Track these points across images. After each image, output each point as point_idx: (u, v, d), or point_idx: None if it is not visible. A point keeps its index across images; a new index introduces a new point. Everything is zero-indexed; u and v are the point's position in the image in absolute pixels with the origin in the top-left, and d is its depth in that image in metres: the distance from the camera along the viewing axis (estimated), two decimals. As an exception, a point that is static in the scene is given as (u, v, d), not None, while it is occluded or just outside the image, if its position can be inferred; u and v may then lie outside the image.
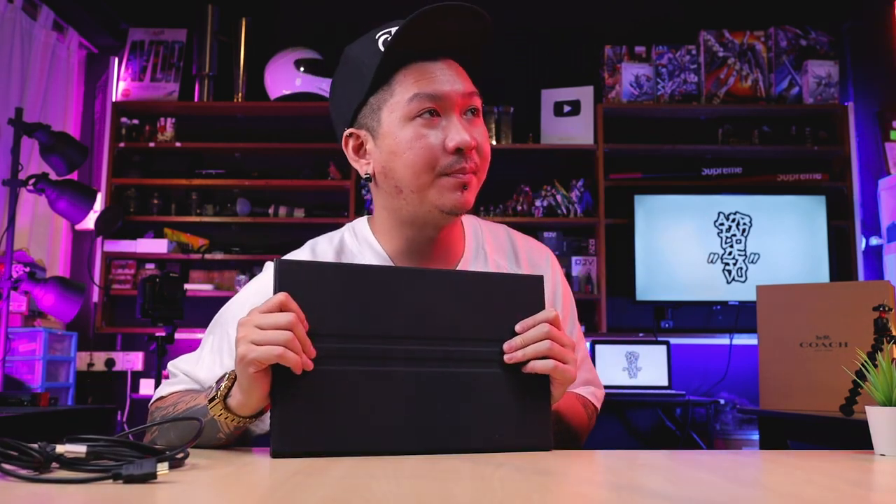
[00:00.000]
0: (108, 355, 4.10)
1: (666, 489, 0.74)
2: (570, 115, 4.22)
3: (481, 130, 1.12)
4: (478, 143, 1.10)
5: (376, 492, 0.70)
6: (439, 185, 1.09)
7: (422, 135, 1.08)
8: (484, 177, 1.15)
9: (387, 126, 1.11)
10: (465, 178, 1.10)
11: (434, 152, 1.08)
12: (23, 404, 2.33)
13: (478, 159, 1.11)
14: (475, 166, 1.11)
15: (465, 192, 1.10)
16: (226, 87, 4.29)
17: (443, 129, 1.09)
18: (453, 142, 1.08)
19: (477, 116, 1.13)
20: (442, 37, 1.09)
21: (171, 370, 1.20)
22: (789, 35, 4.24)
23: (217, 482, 0.77)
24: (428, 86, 1.08)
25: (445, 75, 1.09)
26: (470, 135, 1.08)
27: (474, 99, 1.12)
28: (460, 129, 1.08)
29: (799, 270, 4.03)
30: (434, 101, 1.08)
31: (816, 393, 2.21)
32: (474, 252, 1.23)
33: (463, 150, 1.08)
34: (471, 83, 1.12)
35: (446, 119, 1.09)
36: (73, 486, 0.70)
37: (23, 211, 3.59)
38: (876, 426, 1.04)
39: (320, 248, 1.22)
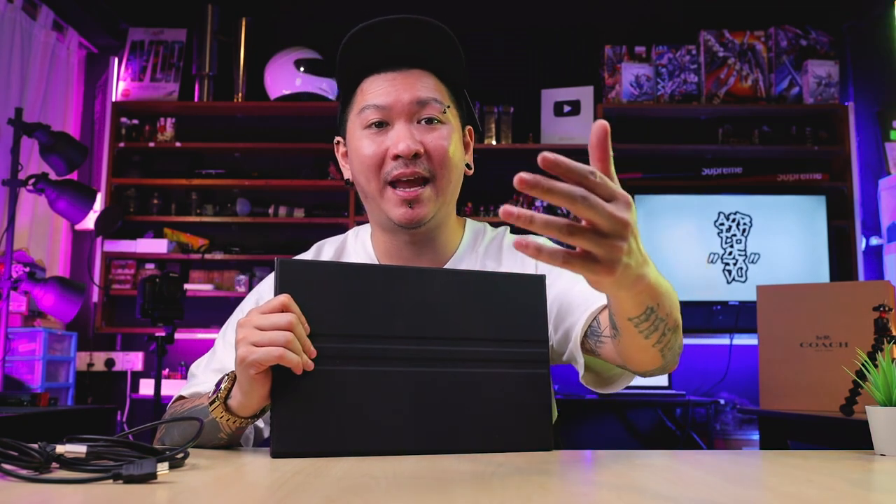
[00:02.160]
0: (107, 355, 4.10)
1: (666, 489, 0.74)
2: (570, 115, 4.22)
3: (436, 136, 1.14)
4: (426, 150, 1.13)
5: (376, 492, 0.70)
6: (387, 197, 1.14)
7: (369, 143, 1.15)
8: (445, 185, 1.16)
9: (350, 135, 1.19)
10: (411, 193, 1.13)
11: (378, 159, 1.14)
12: (23, 404, 2.33)
13: (430, 165, 1.13)
14: (425, 171, 1.13)
15: (413, 208, 1.13)
16: (226, 87, 4.29)
17: (389, 136, 1.14)
18: (395, 149, 1.13)
19: (435, 125, 1.15)
20: (399, 49, 1.14)
21: (190, 373, 1.23)
22: (789, 35, 4.24)
23: (217, 482, 0.77)
24: (375, 97, 1.14)
25: (396, 86, 1.14)
26: (409, 143, 1.11)
27: (428, 108, 1.14)
28: (403, 136, 1.13)
29: (799, 270, 4.03)
30: (380, 112, 1.14)
31: (816, 393, 2.21)
32: (467, 254, 1.24)
33: (403, 157, 1.12)
34: (427, 91, 1.14)
35: (393, 127, 1.14)
36: (72, 486, 0.70)
37: (23, 211, 3.59)
38: (876, 426, 1.04)
39: (325, 249, 1.28)
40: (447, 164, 1.15)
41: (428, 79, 1.16)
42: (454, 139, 1.17)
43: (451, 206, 1.22)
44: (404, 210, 1.14)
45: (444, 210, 1.19)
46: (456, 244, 1.24)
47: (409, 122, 1.14)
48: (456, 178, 1.18)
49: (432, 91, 1.15)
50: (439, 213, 1.18)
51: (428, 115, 1.14)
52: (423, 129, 1.14)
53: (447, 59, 1.16)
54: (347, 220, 4.09)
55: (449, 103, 1.17)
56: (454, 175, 1.17)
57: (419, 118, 1.14)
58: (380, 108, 1.14)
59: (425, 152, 1.13)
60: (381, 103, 1.14)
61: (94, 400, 4.04)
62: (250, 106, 4.27)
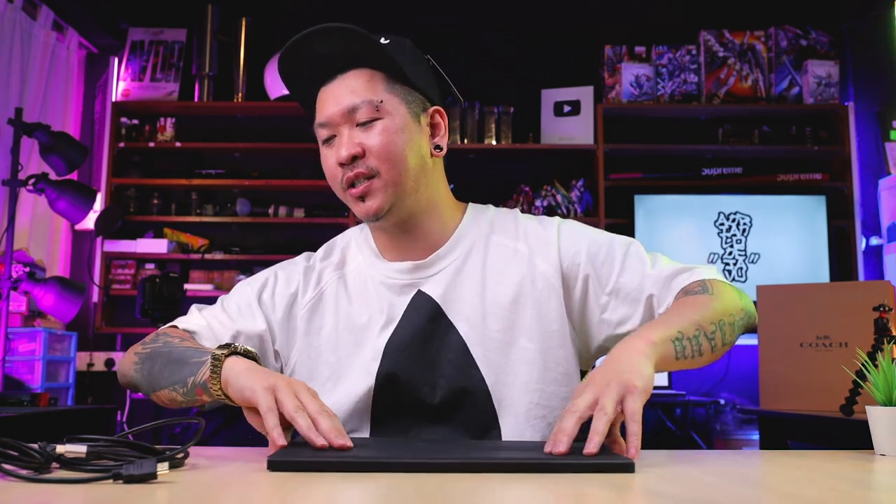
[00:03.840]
0: (107, 355, 4.10)
1: (666, 489, 0.74)
2: (570, 115, 4.22)
3: (372, 134, 1.16)
4: (364, 149, 1.15)
5: (376, 492, 0.70)
6: (349, 201, 1.20)
7: (325, 157, 1.21)
8: (396, 175, 1.16)
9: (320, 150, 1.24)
10: (358, 189, 1.16)
11: (333, 170, 1.19)
12: (23, 404, 2.33)
13: (368, 163, 1.16)
14: (368, 170, 1.15)
15: (366, 202, 1.17)
16: (226, 87, 4.29)
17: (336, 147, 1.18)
18: (336, 158, 1.17)
19: (371, 124, 1.16)
20: (326, 58, 1.18)
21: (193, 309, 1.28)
22: (789, 35, 4.24)
23: (217, 482, 0.77)
24: (319, 115, 1.20)
25: (333, 98, 1.18)
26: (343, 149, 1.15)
27: (359, 112, 1.16)
28: (340, 145, 1.17)
29: (799, 270, 4.03)
30: (325, 128, 1.19)
31: (816, 393, 2.21)
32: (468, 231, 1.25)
33: (345, 163, 1.16)
34: (353, 96, 1.16)
35: (338, 138, 1.18)
36: (73, 486, 0.71)
37: (23, 211, 3.59)
38: (876, 426, 1.04)
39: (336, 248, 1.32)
40: (389, 157, 1.16)
41: (360, 79, 1.17)
42: (396, 129, 1.17)
43: (430, 191, 1.22)
44: (360, 206, 1.18)
45: (415, 198, 1.19)
46: (454, 226, 1.25)
47: (351, 128, 1.17)
48: (414, 166, 1.18)
49: (362, 92, 1.16)
50: (406, 201, 1.18)
51: (362, 118, 1.16)
52: (362, 131, 1.17)
53: (374, 54, 1.17)
54: (347, 220, 4.09)
55: (382, 97, 1.17)
56: (405, 164, 1.17)
57: (356, 122, 1.17)
58: (323, 126, 1.19)
59: (365, 152, 1.15)
60: (323, 120, 1.18)
61: (94, 400, 4.04)
62: (250, 106, 4.27)
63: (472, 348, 1.17)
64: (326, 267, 1.28)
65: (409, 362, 1.17)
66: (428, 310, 1.19)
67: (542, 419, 1.17)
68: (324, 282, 1.26)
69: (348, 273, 1.26)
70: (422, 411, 1.17)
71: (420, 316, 1.19)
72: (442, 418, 1.17)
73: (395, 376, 1.17)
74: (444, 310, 1.19)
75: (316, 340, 1.23)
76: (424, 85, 1.22)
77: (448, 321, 1.18)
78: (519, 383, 1.17)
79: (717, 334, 1.11)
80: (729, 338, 1.14)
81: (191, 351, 1.09)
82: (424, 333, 1.18)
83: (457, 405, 1.16)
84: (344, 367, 1.20)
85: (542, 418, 1.17)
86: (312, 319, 1.24)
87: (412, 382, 1.17)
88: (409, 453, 0.90)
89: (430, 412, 1.17)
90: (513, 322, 1.18)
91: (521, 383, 1.17)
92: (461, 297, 1.20)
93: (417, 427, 1.17)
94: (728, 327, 1.14)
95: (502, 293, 1.20)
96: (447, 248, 1.23)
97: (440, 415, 1.17)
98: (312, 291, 1.25)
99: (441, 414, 1.17)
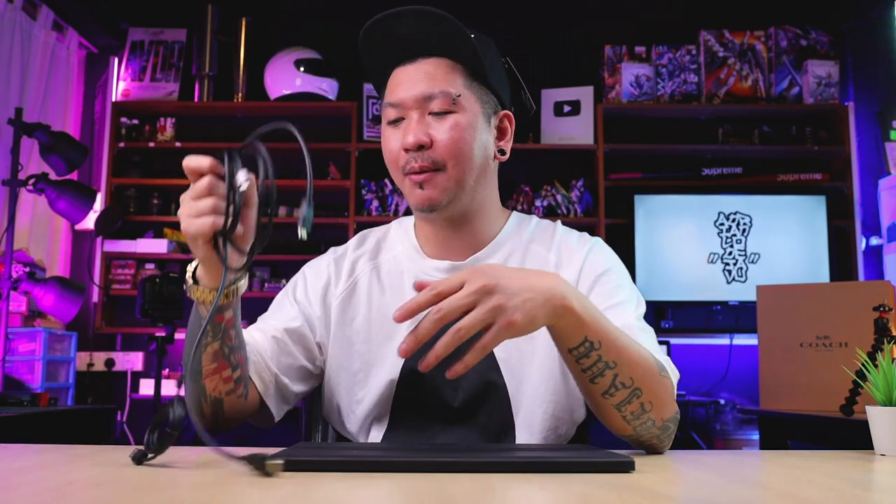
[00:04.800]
0: (107, 355, 4.10)
1: (666, 489, 0.74)
2: (570, 115, 4.22)
3: (444, 127, 1.15)
4: (434, 141, 1.14)
5: (376, 491, 0.71)
6: (405, 185, 1.18)
7: (389, 138, 1.19)
8: (460, 173, 1.16)
9: (383, 129, 1.22)
10: (421, 176, 1.15)
11: (395, 153, 1.17)
12: (23, 404, 2.33)
13: (435, 155, 1.14)
14: (433, 163, 1.15)
15: (424, 190, 1.16)
16: (226, 87, 4.29)
17: (403, 131, 1.17)
18: (403, 143, 1.16)
19: (444, 115, 1.16)
20: (409, 40, 1.16)
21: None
22: (789, 35, 4.24)
23: (217, 482, 0.77)
24: (391, 94, 1.18)
25: (409, 81, 1.17)
26: (414, 135, 1.14)
27: (435, 101, 1.15)
28: (409, 130, 1.15)
29: (799, 270, 4.03)
30: (395, 109, 1.18)
31: (816, 393, 2.21)
32: (509, 239, 1.25)
33: (410, 150, 1.15)
34: (434, 84, 1.15)
35: (407, 121, 1.17)
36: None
37: (23, 211, 3.59)
38: (876, 426, 1.04)
39: (369, 239, 1.31)
40: (457, 153, 1.15)
41: (441, 68, 1.17)
42: (468, 126, 1.16)
43: (484, 193, 1.22)
44: (417, 192, 1.16)
45: (472, 196, 1.19)
46: (497, 231, 1.25)
47: (422, 114, 1.16)
48: (476, 166, 1.18)
49: (440, 82, 1.15)
50: (463, 199, 1.18)
51: (436, 108, 1.15)
52: (434, 121, 1.15)
53: (460, 46, 1.16)
54: (347, 219, 4.08)
55: (460, 91, 1.16)
56: (472, 163, 1.17)
57: (429, 111, 1.16)
58: (394, 106, 1.17)
59: (433, 143, 1.14)
60: (395, 101, 1.17)
61: (94, 400, 4.04)
62: (250, 106, 4.27)
63: (497, 353, 1.17)
64: (361, 256, 1.28)
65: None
66: None
67: (553, 431, 1.18)
68: (357, 272, 1.26)
69: (382, 263, 1.26)
70: (442, 411, 1.17)
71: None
72: (461, 419, 1.17)
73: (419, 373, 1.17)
74: None
75: (349, 331, 1.23)
76: (499, 86, 1.23)
77: None
78: (537, 393, 1.17)
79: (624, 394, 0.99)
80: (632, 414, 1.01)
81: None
82: None
83: (477, 408, 1.17)
84: (375, 359, 1.20)
85: (553, 430, 1.18)
86: (346, 310, 1.24)
87: (435, 380, 1.17)
88: (409, 454, 0.90)
89: (450, 412, 1.17)
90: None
91: (538, 393, 1.17)
92: None
93: (436, 426, 1.17)
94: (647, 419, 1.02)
95: None
96: (487, 252, 1.23)
97: (459, 416, 1.17)
98: (345, 282, 1.25)
99: (460, 415, 1.17)
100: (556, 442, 1.18)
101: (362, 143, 4.17)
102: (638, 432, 1.04)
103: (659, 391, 1.02)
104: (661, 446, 1.07)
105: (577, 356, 0.97)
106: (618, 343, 0.98)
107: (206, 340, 1.01)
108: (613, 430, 1.06)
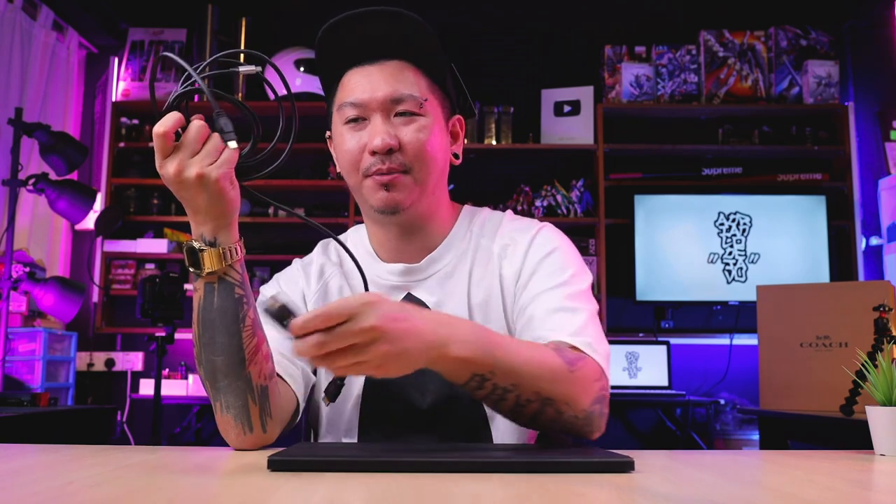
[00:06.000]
0: (107, 355, 4.10)
1: (666, 489, 0.74)
2: (570, 115, 4.22)
3: (412, 130, 1.14)
4: (402, 144, 1.14)
5: (376, 490, 0.71)
6: (366, 187, 1.17)
7: (348, 138, 1.16)
8: (424, 175, 1.16)
9: (334, 129, 1.22)
10: (387, 177, 1.14)
11: (356, 155, 1.16)
12: (22, 404, 2.33)
13: (404, 158, 1.14)
14: (401, 165, 1.14)
15: (389, 192, 1.15)
16: (226, 86, 4.29)
17: (367, 132, 1.15)
18: (370, 145, 1.14)
19: (411, 118, 1.15)
20: (374, 40, 1.15)
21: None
22: (789, 35, 4.24)
23: (217, 482, 0.77)
24: (351, 94, 1.16)
25: (372, 81, 1.15)
26: (384, 138, 1.12)
27: (404, 103, 1.15)
28: (377, 132, 1.14)
29: (799, 270, 4.03)
30: (356, 109, 1.16)
31: (816, 393, 2.21)
32: (461, 236, 1.24)
33: (378, 153, 1.13)
34: (403, 86, 1.15)
35: (371, 123, 1.15)
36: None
37: (23, 211, 3.59)
38: (876, 426, 1.04)
39: (331, 246, 1.31)
40: (424, 157, 1.15)
41: (405, 71, 1.16)
42: (433, 131, 1.16)
43: (438, 195, 1.22)
44: (382, 194, 1.15)
45: (429, 200, 1.19)
46: (448, 230, 1.24)
47: (386, 116, 1.15)
48: (438, 170, 1.18)
49: (408, 85, 1.15)
50: (423, 202, 1.18)
51: (403, 109, 1.15)
52: (400, 123, 1.15)
53: (424, 49, 1.16)
54: (347, 219, 4.08)
55: (427, 95, 1.16)
56: (434, 166, 1.17)
57: (395, 112, 1.15)
58: (356, 105, 1.15)
59: (401, 146, 1.14)
60: (358, 100, 1.15)
61: (94, 400, 4.04)
62: (250, 106, 4.25)
63: None
64: (326, 262, 1.28)
65: None
66: None
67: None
68: (326, 274, 1.26)
69: (347, 270, 1.26)
70: (411, 416, 1.16)
71: None
72: (431, 423, 1.16)
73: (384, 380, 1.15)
74: None
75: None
76: (452, 90, 1.23)
77: None
78: None
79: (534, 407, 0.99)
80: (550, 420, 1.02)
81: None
82: None
83: (447, 410, 1.16)
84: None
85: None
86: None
87: (401, 387, 1.16)
88: (409, 454, 0.90)
89: (420, 417, 1.16)
90: (487, 322, 1.17)
91: None
92: (451, 302, 1.19)
93: (407, 433, 1.16)
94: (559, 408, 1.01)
95: (477, 295, 1.19)
96: (440, 252, 1.22)
97: (430, 420, 1.16)
98: (316, 284, 1.25)
99: (431, 419, 1.16)
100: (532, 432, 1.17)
101: (362, 143, 4.17)
102: (564, 429, 1.04)
103: (573, 390, 1.01)
104: (591, 431, 1.07)
105: (471, 389, 0.97)
106: (515, 364, 0.96)
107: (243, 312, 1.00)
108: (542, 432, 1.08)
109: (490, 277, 1.20)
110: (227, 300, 1.00)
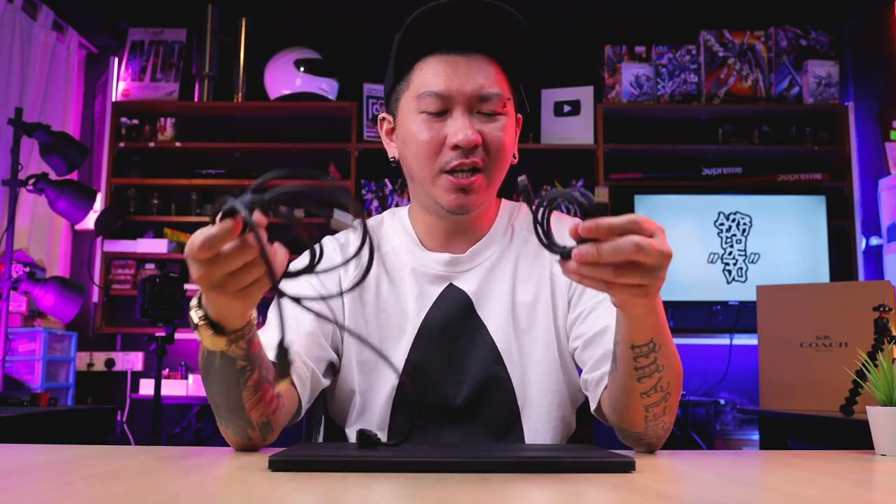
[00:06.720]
0: (107, 355, 4.10)
1: (666, 489, 0.74)
2: (570, 115, 4.22)
3: (495, 128, 1.13)
4: (485, 141, 1.12)
5: (376, 490, 0.70)
6: (440, 183, 1.13)
7: (426, 129, 1.12)
8: (496, 175, 1.16)
9: (402, 116, 1.16)
10: (466, 180, 1.12)
11: (435, 147, 1.12)
12: (22, 404, 2.33)
13: (483, 156, 1.12)
14: (479, 163, 1.12)
15: (466, 195, 1.13)
16: (226, 87, 4.29)
17: (448, 125, 1.11)
18: (453, 139, 1.10)
19: (494, 116, 1.13)
20: (464, 31, 1.11)
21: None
22: (789, 35, 4.24)
23: (217, 482, 0.77)
24: (436, 83, 1.11)
25: (458, 72, 1.12)
26: (469, 134, 1.10)
27: (490, 102, 1.12)
28: (462, 126, 1.11)
29: (799, 270, 4.03)
30: (440, 99, 1.12)
31: (816, 393, 2.21)
32: (502, 230, 1.24)
33: (462, 148, 1.10)
34: (490, 84, 1.12)
35: (452, 115, 1.12)
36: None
37: (23, 211, 3.59)
38: (876, 426, 1.04)
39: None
40: (502, 156, 1.14)
41: (490, 68, 1.14)
42: (510, 130, 1.16)
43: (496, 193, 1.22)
44: (456, 196, 1.12)
45: (491, 198, 1.20)
46: (491, 221, 1.24)
47: (469, 111, 1.12)
48: (506, 168, 1.18)
49: (494, 84, 1.13)
50: (487, 201, 1.18)
51: (489, 108, 1.13)
52: (482, 120, 1.13)
53: (513, 49, 1.14)
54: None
55: (509, 95, 1.15)
56: (506, 166, 1.17)
57: (477, 109, 1.13)
58: (440, 97, 1.11)
59: (483, 143, 1.12)
60: (442, 91, 1.11)
61: (94, 400, 4.04)
62: (250, 106, 4.27)
63: (500, 346, 1.16)
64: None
65: (436, 355, 1.16)
66: (459, 304, 1.18)
67: (561, 420, 1.17)
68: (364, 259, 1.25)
69: (385, 255, 1.23)
70: (444, 411, 1.16)
71: (451, 308, 1.18)
72: (464, 419, 1.16)
73: (422, 367, 1.15)
74: (476, 307, 1.18)
75: (360, 319, 1.20)
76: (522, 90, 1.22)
77: (479, 319, 1.18)
78: (541, 384, 1.16)
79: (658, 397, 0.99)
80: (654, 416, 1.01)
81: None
82: (454, 327, 1.17)
83: (481, 402, 1.16)
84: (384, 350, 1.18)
85: (561, 419, 1.17)
86: (358, 296, 1.20)
87: (438, 375, 1.16)
88: (409, 454, 0.90)
89: (453, 412, 1.16)
90: (534, 322, 1.18)
91: (542, 384, 1.16)
92: (492, 295, 1.19)
93: (438, 428, 1.16)
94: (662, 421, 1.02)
95: (526, 292, 1.19)
96: (484, 244, 1.22)
97: (463, 415, 1.16)
98: (354, 269, 1.19)
99: (464, 414, 1.16)
100: (564, 433, 1.18)
101: (362, 143, 4.17)
102: (647, 432, 1.04)
103: (678, 399, 1.03)
104: (657, 446, 1.07)
105: (637, 354, 0.95)
106: (672, 349, 0.98)
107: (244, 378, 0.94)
108: (626, 424, 1.04)
109: (539, 276, 1.20)
110: (227, 368, 0.93)
